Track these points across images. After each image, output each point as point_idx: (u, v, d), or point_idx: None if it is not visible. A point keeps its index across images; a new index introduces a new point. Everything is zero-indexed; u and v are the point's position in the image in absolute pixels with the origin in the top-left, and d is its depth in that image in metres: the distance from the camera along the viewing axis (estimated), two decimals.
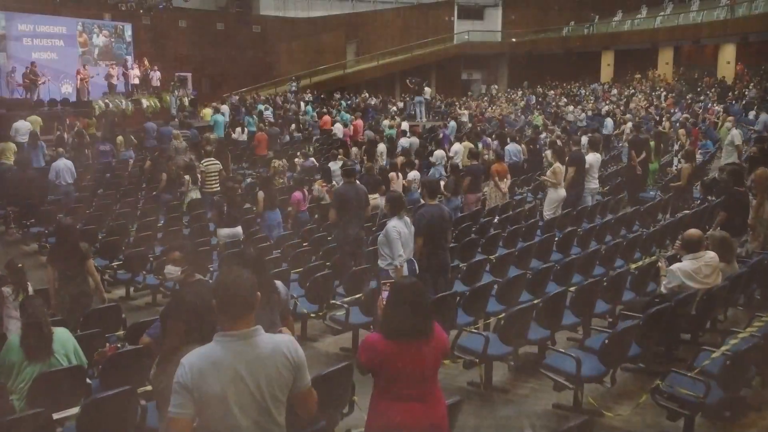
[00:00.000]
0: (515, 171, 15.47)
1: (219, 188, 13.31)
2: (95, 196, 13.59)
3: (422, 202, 7.27)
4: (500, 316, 6.16)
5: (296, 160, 16.55)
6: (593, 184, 11.89)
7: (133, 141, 16.71)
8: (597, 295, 6.47)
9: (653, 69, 37.36)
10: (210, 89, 31.81)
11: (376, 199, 12.13)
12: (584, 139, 15.33)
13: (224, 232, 10.09)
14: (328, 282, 7.53)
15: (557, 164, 10.98)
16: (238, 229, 10.23)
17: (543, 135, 17.34)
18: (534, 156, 16.29)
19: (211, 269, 8.87)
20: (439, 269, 6.84)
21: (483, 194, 12.53)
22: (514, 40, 39.42)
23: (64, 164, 12.95)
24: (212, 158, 13.41)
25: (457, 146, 16.77)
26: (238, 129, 20.49)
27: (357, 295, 7.13)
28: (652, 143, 13.99)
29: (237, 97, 28.77)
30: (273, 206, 10.86)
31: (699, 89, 31.33)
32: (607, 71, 38.96)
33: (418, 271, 6.64)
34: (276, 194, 10.99)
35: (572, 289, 6.62)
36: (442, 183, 11.83)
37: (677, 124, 18.32)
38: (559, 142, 14.51)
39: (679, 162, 16.26)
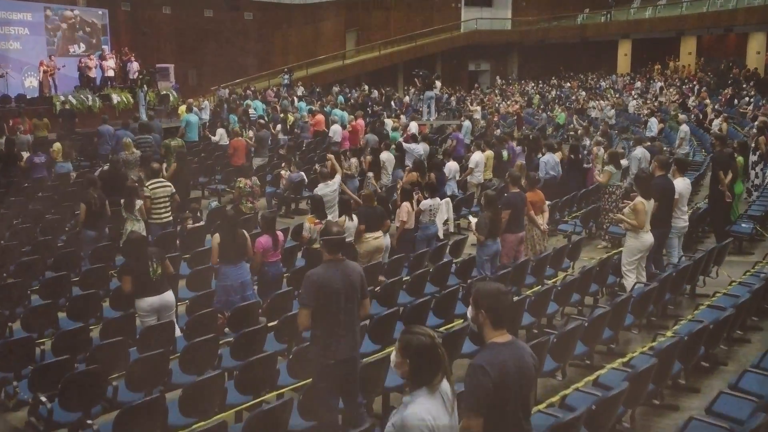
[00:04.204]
0: (552, 190, 11.70)
1: (170, 217, 9.72)
2: (10, 227, 9.90)
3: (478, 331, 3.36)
4: None
5: (282, 172, 12.82)
6: (681, 221, 8.19)
7: (71, 151, 12.83)
8: None
9: (674, 59, 33.60)
10: (197, 82, 28.08)
11: (379, 239, 8.48)
12: (639, 151, 11.65)
13: (145, 303, 6.44)
14: None
15: (639, 199, 7.25)
16: (165, 296, 6.54)
17: (586, 142, 13.60)
18: (576, 169, 12.55)
19: None
20: None
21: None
22: (525, 28, 35.49)
23: None
24: (161, 179, 9.75)
25: (477, 156, 13.02)
26: (220, 131, 16.43)
27: None
28: (739, 158, 10.27)
29: (226, 91, 25.00)
30: (237, 257, 7.12)
31: (730, 81, 27.53)
32: (624, 62, 35.21)
33: None
34: (244, 239, 7.24)
35: None
36: (473, 220, 8.11)
37: (753, 129, 14.52)
38: (637, 170, 10.87)
39: (756, 177, 12.63)
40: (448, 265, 7.95)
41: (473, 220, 8.06)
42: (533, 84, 32.54)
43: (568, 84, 31.26)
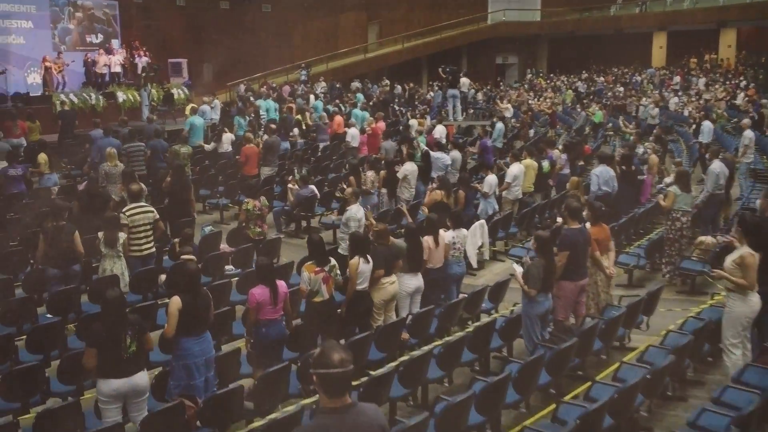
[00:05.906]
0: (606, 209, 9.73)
1: (152, 248, 7.99)
2: None
3: None
4: None
5: (290, 186, 11.02)
6: None
7: (58, 160, 11.13)
8: None
9: (711, 52, 31.21)
10: (213, 78, 26.27)
11: (394, 284, 6.66)
12: (717, 165, 9.62)
13: (108, 387, 4.75)
14: None
15: (748, 250, 5.34)
16: (136, 379, 4.84)
17: (640, 150, 11.64)
18: (629, 183, 10.54)
19: None
20: None
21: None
22: (555, 19, 33.20)
23: None
24: (142, 203, 8.03)
25: (515, 168, 11.04)
26: (228, 136, 13.80)
27: None
28: None
29: (244, 87, 23.13)
30: (200, 326, 5.33)
31: None
32: (658, 54, 32.85)
33: None
34: (208, 301, 5.47)
35: None
36: (518, 269, 6.22)
37: None
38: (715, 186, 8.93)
39: None
40: (490, 327, 6.11)
41: (518, 268, 6.18)
42: (565, 78, 30.32)
43: (602, 78, 29.05)
